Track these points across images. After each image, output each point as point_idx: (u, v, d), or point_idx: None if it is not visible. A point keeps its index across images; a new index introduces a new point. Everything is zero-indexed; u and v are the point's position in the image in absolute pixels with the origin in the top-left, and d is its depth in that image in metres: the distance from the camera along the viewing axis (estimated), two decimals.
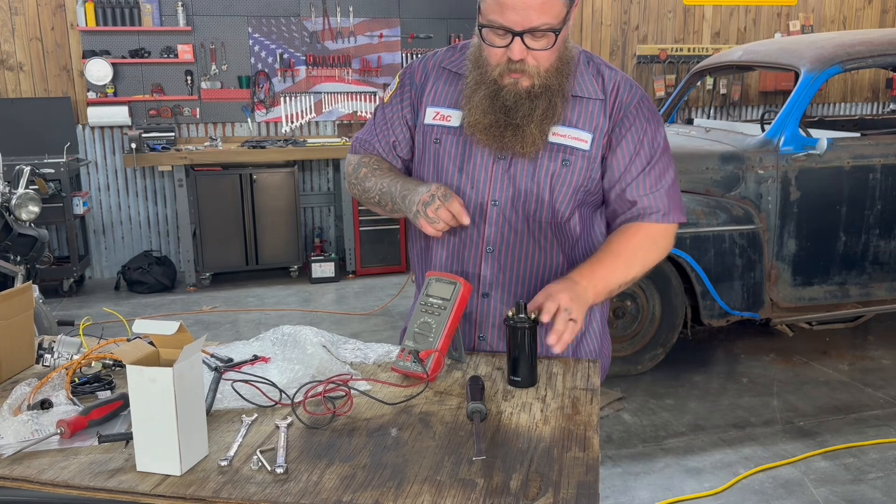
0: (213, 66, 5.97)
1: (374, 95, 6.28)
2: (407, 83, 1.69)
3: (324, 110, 6.25)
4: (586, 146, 1.55)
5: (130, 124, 5.83)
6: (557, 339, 1.40)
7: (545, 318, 1.42)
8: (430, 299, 1.51)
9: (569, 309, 1.41)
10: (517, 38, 1.41)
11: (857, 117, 5.78)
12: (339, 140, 6.12)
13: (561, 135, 1.55)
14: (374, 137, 1.72)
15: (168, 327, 1.17)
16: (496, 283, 1.62)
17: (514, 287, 1.62)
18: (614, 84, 1.57)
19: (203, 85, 5.98)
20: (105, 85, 5.73)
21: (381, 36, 6.21)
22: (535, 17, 1.39)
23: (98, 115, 5.74)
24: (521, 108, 1.48)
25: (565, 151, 1.55)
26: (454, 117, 1.60)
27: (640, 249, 1.57)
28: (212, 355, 1.53)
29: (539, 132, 1.50)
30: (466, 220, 1.49)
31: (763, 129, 3.93)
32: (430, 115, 1.63)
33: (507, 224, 1.58)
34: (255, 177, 5.65)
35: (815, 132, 4.05)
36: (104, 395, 1.43)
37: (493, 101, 1.49)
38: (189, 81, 5.93)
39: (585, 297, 1.47)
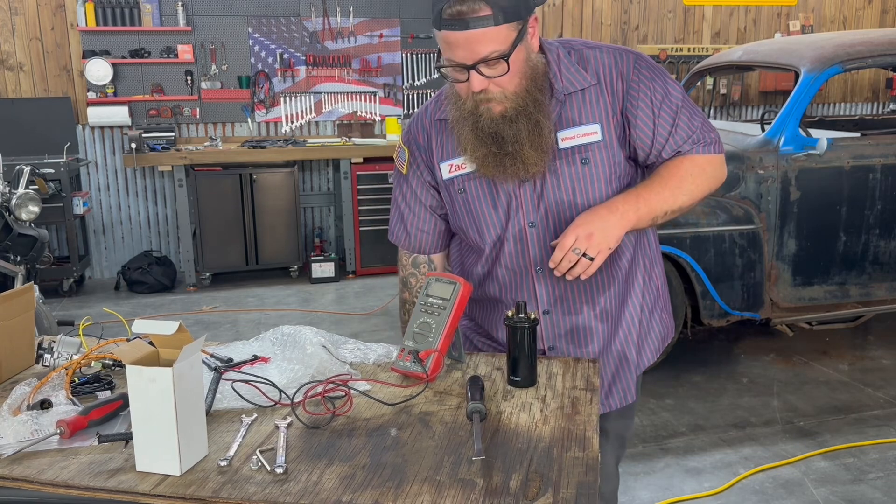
0: (213, 66, 5.97)
1: (374, 95, 6.29)
2: (415, 149, 1.70)
3: (324, 110, 6.25)
4: (598, 136, 1.55)
5: (130, 124, 5.82)
6: (556, 268, 1.47)
7: (556, 256, 1.46)
8: (430, 299, 1.51)
9: (580, 249, 1.44)
10: (472, 72, 1.42)
11: (857, 117, 5.78)
12: (339, 140, 6.12)
13: (569, 137, 1.54)
14: (416, 218, 1.73)
15: (168, 327, 1.17)
16: (553, 298, 1.63)
17: (572, 295, 1.63)
18: (604, 64, 1.56)
19: (203, 85, 5.98)
20: (105, 85, 5.73)
21: (381, 36, 6.21)
22: (482, 48, 1.40)
23: (98, 115, 5.74)
24: (505, 134, 1.48)
25: (581, 151, 1.55)
26: (467, 163, 1.61)
27: (688, 176, 1.56)
28: (212, 355, 1.53)
29: (536, 151, 1.50)
30: None
31: (763, 129, 3.93)
32: (446, 170, 1.65)
33: (548, 241, 1.59)
34: (255, 177, 5.65)
35: (815, 132, 4.05)
36: (104, 395, 1.43)
37: (477, 133, 1.50)
38: (189, 81, 5.93)
39: (621, 223, 1.49)
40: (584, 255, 1.45)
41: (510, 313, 1.44)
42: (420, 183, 1.71)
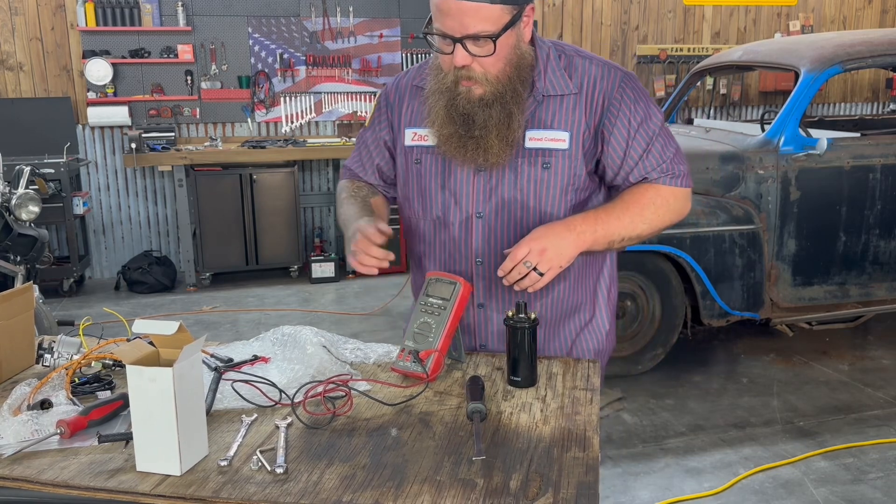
0: (213, 66, 5.97)
1: (374, 96, 6.28)
2: (383, 105, 1.71)
3: (324, 110, 6.25)
4: (565, 145, 1.54)
5: (130, 124, 5.82)
6: (505, 277, 1.47)
7: (507, 266, 1.46)
8: (430, 299, 1.51)
9: (531, 262, 1.44)
10: (458, 45, 1.42)
11: (857, 117, 5.78)
12: (339, 140, 6.12)
13: (537, 138, 1.54)
14: (360, 165, 1.76)
15: (168, 327, 1.17)
16: (489, 292, 1.63)
17: (508, 295, 1.62)
18: (590, 76, 1.55)
19: (203, 85, 5.98)
20: (105, 85, 5.73)
21: (381, 36, 6.21)
22: (472, 23, 1.40)
23: (98, 115, 5.74)
24: (476, 117, 1.48)
25: (544, 155, 1.54)
26: (430, 136, 1.60)
27: (650, 205, 1.55)
28: (212, 355, 1.53)
29: (500, 142, 1.50)
30: (377, 252, 1.48)
31: (763, 129, 3.93)
32: (409, 137, 1.65)
33: (494, 235, 1.58)
34: (255, 177, 5.65)
35: (815, 132, 4.05)
36: (104, 395, 1.43)
37: (449, 109, 1.50)
38: (189, 81, 5.93)
39: (576, 243, 1.48)
40: (535, 269, 1.45)
41: (510, 313, 1.44)
42: (375, 140, 1.72)
